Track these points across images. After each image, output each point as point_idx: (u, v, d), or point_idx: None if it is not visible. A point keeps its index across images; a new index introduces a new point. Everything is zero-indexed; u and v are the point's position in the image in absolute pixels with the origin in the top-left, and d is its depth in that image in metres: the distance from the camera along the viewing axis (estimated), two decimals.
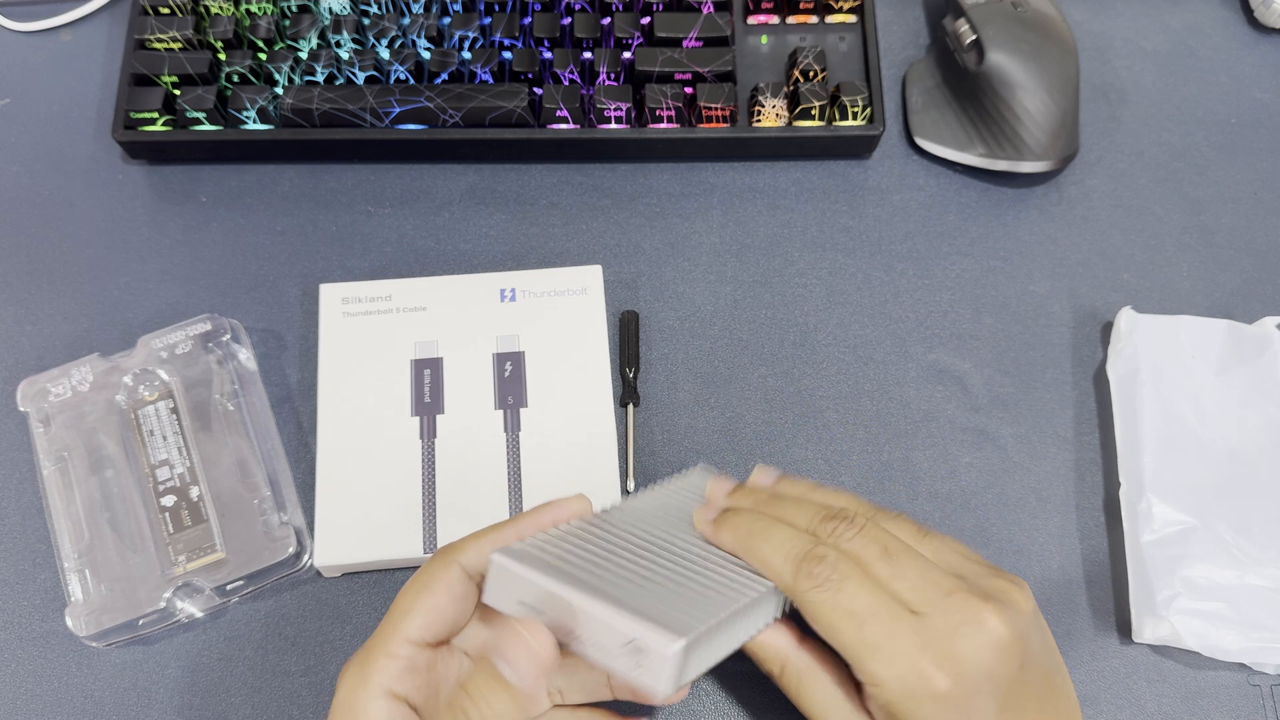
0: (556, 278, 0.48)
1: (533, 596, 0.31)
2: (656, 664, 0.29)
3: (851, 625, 0.32)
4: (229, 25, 0.51)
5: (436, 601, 0.33)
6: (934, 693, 0.31)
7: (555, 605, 0.31)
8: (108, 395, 0.45)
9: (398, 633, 0.33)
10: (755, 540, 0.34)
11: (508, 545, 0.33)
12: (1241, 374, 0.46)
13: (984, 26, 0.50)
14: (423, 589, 0.33)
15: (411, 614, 0.33)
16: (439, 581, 0.33)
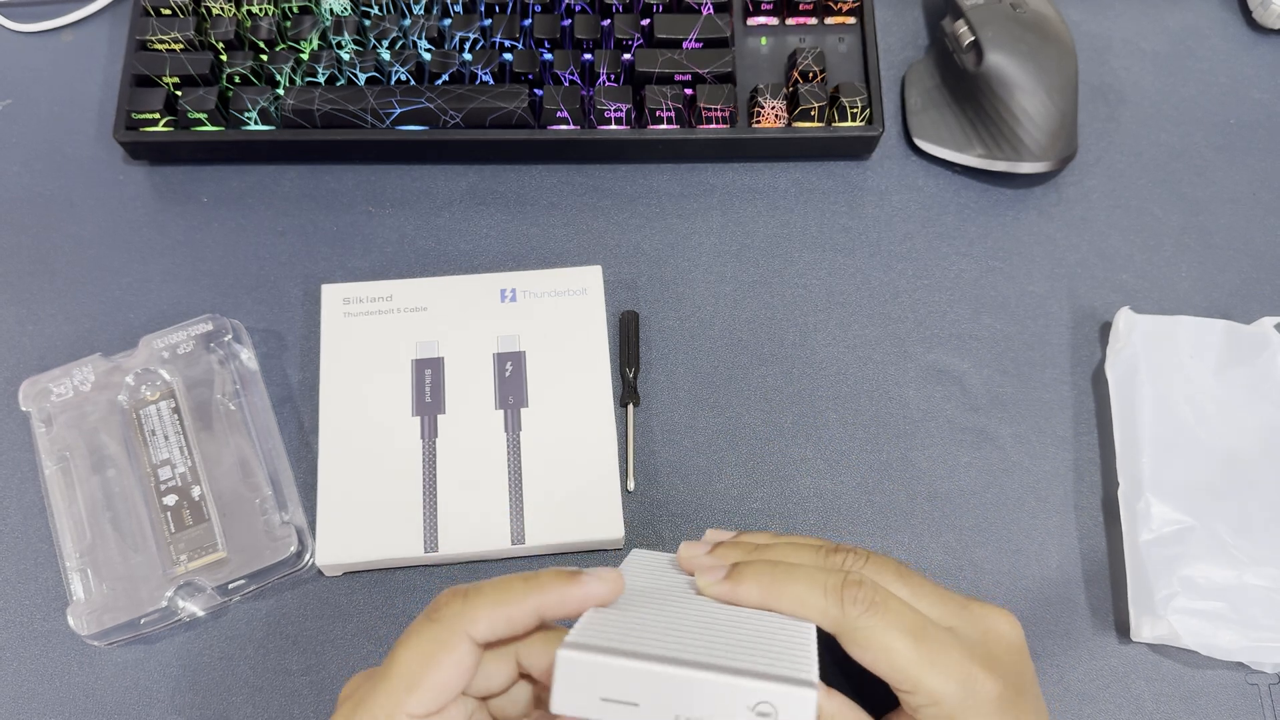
0: (557, 278, 0.48)
1: (622, 688, 0.28)
2: (795, 717, 0.28)
3: (906, 643, 0.32)
4: (230, 26, 0.51)
5: (442, 678, 0.31)
6: (987, 698, 0.32)
7: (652, 691, 0.28)
8: (109, 395, 0.45)
9: (400, 708, 0.30)
10: (782, 584, 0.33)
11: (566, 639, 0.29)
12: (1239, 374, 0.46)
13: (983, 28, 0.50)
14: (427, 662, 0.31)
15: (416, 690, 0.30)
16: (447, 657, 0.31)
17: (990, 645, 0.34)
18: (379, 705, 0.31)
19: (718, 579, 0.34)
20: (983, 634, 0.34)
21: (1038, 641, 0.43)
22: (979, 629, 0.34)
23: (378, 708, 0.31)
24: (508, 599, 0.31)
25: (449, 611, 0.31)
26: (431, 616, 0.31)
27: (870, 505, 0.46)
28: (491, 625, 0.31)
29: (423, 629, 0.31)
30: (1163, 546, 0.43)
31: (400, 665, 0.31)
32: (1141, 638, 0.42)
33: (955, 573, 0.45)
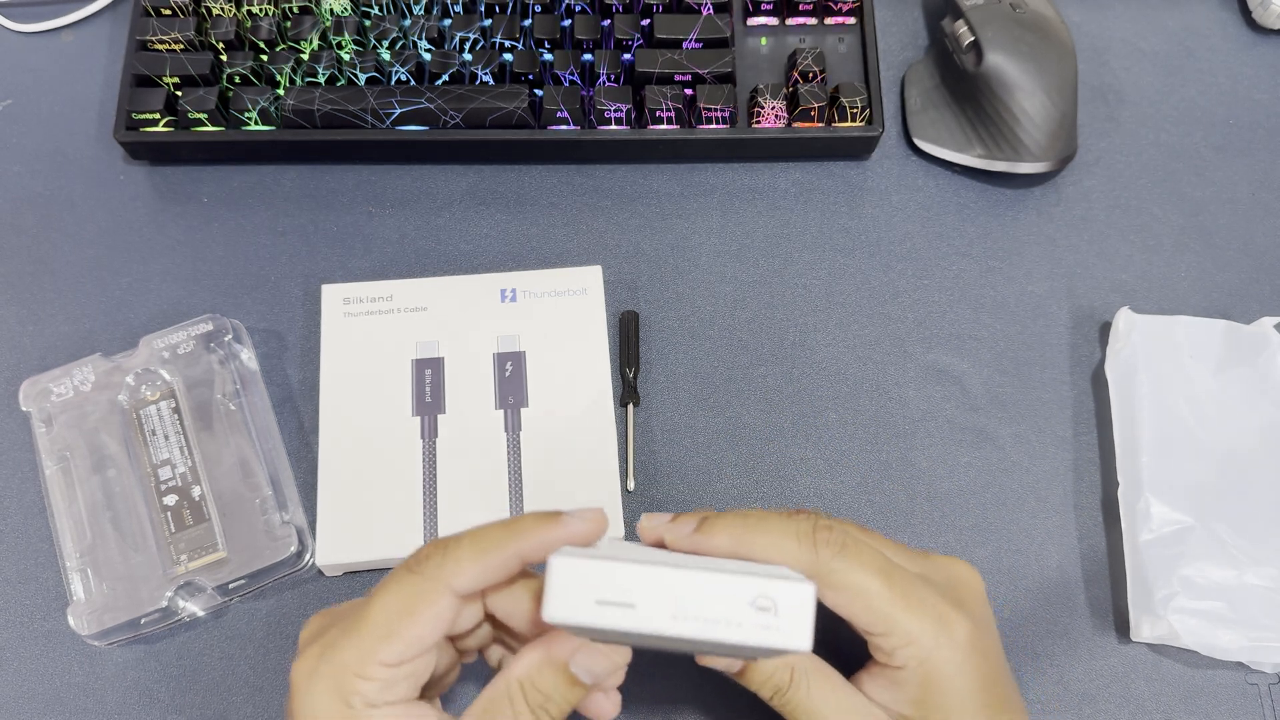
0: (557, 278, 0.48)
1: (617, 589, 0.27)
2: (795, 611, 0.27)
3: (880, 582, 0.32)
4: (230, 26, 0.51)
5: (420, 630, 0.30)
6: (958, 639, 0.33)
7: (649, 590, 0.27)
8: (110, 395, 0.45)
9: (373, 657, 0.30)
10: (753, 532, 0.33)
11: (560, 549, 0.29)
12: (1239, 374, 0.46)
13: (982, 28, 0.50)
14: (406, 613, 0.30)
15: (391, 641, 0.30)
16: (427, 609, 0.30)
17: (957, 589, 0.35)
18: (350, 652, 0.30)
19: (688, 532, 0.33)
20: (948, 579, 0.35)
21: (1038, 641, 0.43)
22: (944, 575, 0.35)
23: (349, 655, 0.30)
24: (489, 547, 0.30)
25: (430, 564, 0.30)
26: (412, 568, 0.31)
27: (870, 505, 0.46)
28: (474, 577, 0.30)
29: (403, 579, 0.31)
30: (1162, 546, 0.43)
31: (377, 614, 0.30)
32: (1141, 638, 0.42)
33: None
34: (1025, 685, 0.43)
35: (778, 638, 0.27)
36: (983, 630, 0.34)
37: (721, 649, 0.29)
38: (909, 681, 0.33)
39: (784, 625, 0.27)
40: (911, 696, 0.33)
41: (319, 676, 0.30)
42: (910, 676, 0.33)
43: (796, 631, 0.27)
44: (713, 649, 0.30)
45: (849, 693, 0.34)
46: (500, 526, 0.31)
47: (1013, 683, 0.36)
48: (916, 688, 0.33)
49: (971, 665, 0.33)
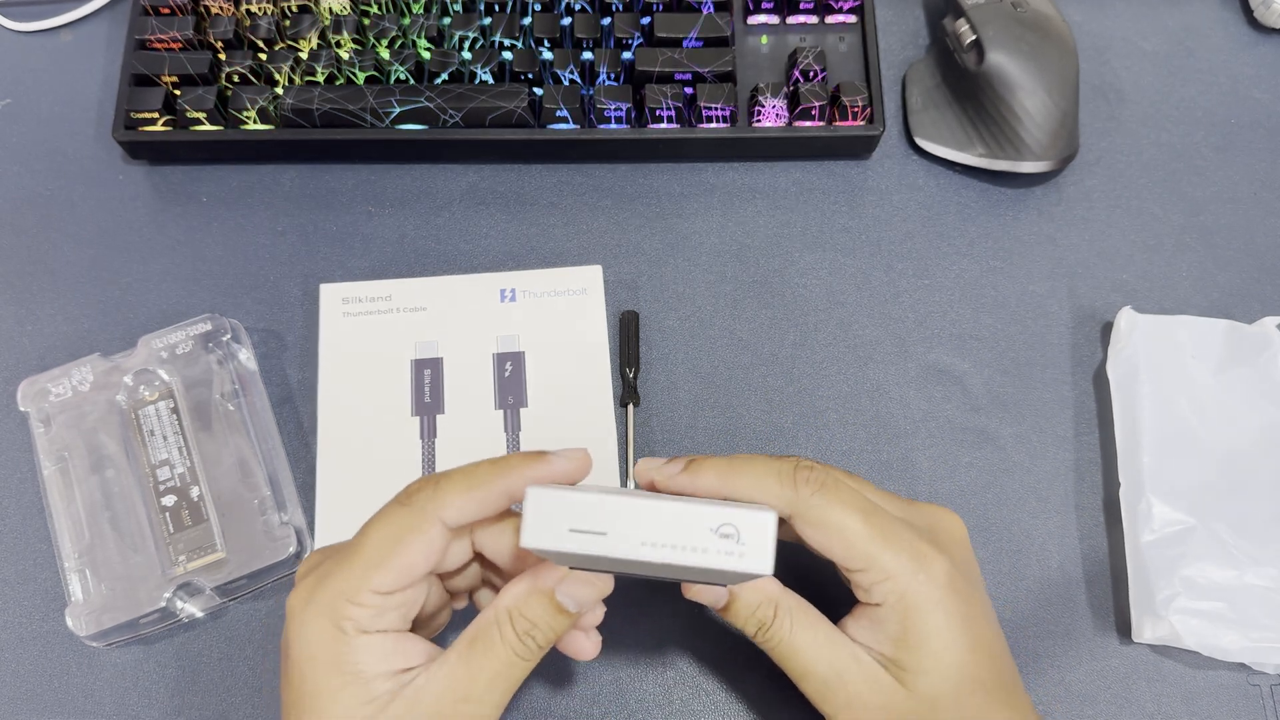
0: (556, 278, 0.48)
1: (590, 518, 0.30)
2: (756, 537, 0.29)
3: (858, 519, 0.33)
4: (229, 25, 0.51)
5: (410, 559, 0.31)
6: (939, 574, 0.33)
7: (619, 519, 0.29)
8: (108, 395, 0.45)
9: (367, 585, 0.31)
10: (738, 471, 0.34)
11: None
12: (1241, 374, 0.46)
13: (984, 27, 0.50)
14: (397, 543, 0.31)
15: (382, 569, 0.31)
16: (417, 540, 0.31)
17: (938, 534, 0.35)
18: (344, 581, 0.31)
19: (676, 472, 0.34)
20: (930, 524, 0.36)
21: (1039, 642, 0.43)
22: (926, 520, 0.36)
23: (342, 583, 0.31)
24: (478, 483, 0.32)
25: (421, 497, 0.32)
26: (403, 501, 0.32)
27: None
28: (462, 510, 0.32)
29: (394, 512, 0.32)
30: (1164, 547, 0.43)
31: (369, 545, 0.32)
32: (1143, 638, 0.42)
33: None
34: (1027, 686, 0.42)
35: (741, 562, 0.29)
36: (962, 572, 0.34)
37: (691, 574, 0.31)
38: (888, 619, 0.33)
39: (747, 551, 0.29)
40: (892, 634, 0.33)
41: (313, 604, 0.31)
42: (889, 614, 0.33)
43: (758, 556, 0.29)
44: (683, 574, 0.32)
45: (831, 631, 0.34)
46: (489, 464, 0.33)
47: (1002, 641, 0.36)
48: (896, 625, 0.33)
49: (951, 603, 0.33)
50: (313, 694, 0.31)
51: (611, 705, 0.42)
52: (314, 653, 0.31)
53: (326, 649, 0.31)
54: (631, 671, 0.42)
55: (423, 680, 0.32)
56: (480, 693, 0.32)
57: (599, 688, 0.42)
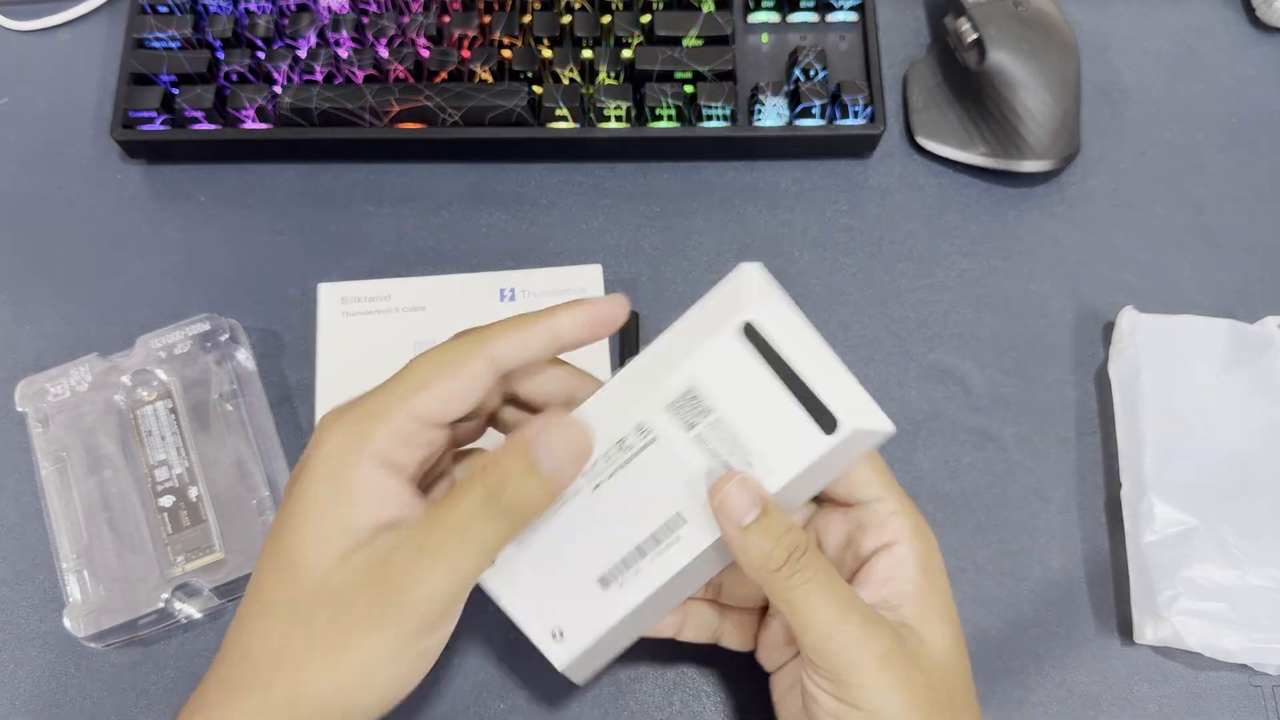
0: (556, 277, 0.48)
1: None
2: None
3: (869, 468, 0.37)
4: (228, 24, 0.51)
5: (456, 387, 0.30)
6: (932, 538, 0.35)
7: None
8: (106, 395, 0.45)
9: (405, 405, 0.30)
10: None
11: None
12: (1243, 374, 0.46)
13: (985, 25, 0.50)
14: (445, 369, 0.31)
15: (426, 391, 0.30)
16: (465, 368, 0.31)
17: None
18: (378, 400, 0.31)
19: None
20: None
21: (1040, 643, 0.43)
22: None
23: (377, 402, 0.31)
24: (524, 325, 0.32)
25: (469, 336, 0.32)
26: (449, 342, 0.32)
27: None
28: (511, 348, 0.31)
29: (441, 347, 0.32)
30: (1166, 548, 0.42)
31: (415, 371, 0.31)
32: (1144, 639, 0.42)
33: (957, 574, 0.44)
34: (1028, 687, 0.42)
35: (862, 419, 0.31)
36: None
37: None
38: (903, 564, 0.33)
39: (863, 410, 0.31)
40: (906, 590, 0.33)
41: (341, 420, 0.31)
42: (903, 557, 0.33)
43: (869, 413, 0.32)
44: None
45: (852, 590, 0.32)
46: (531, 314, 0.32)
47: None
48: (915, 570, 0.33)
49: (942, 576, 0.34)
50: (302, 512, 0.30)
51: (611, 707, 0.42)
52: (325, 464, 0.30)
53: (337, 460, 0.30)
54: (631, 673, 0.42)
55: (390, 533, 0.30)
56: (437, 545, 0.30)
57: (599, 689, 0.42)
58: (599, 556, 0.32)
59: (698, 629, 0.37)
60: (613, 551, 0.32)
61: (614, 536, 0.32)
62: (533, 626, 0.33)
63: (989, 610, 0.44)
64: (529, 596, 0.33)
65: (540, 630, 0.33)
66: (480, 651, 0.42)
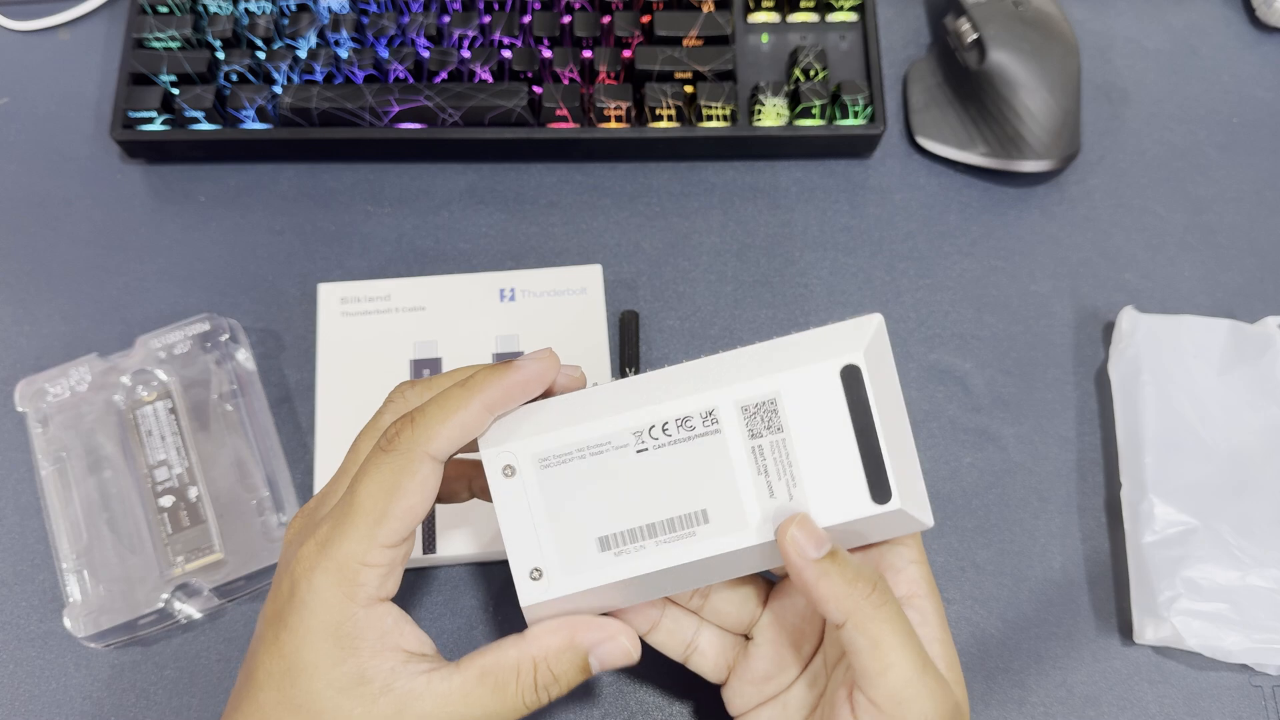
0: (556, 277, 0.48)
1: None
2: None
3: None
4: (228, 24, 0.51)
5: (410, 503, 0.30)
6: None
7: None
8: (106, 395, 0.45)
9: (374, 541, 0.30)
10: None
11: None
12: (1244, 374, 0.46)
13: (985, 25, 0.50)
14: (393, 491, 0.30)
15: (386, 521, 0.30)
16: (411, 482, 0.30)
17: None
18: (350, 543, 0.30)
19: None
20: None
21: (1040, 644, 0.43)
22: None
23: (349, 545, 0.30)
24: (455, 407, 0.31)
25: (403, 439, 0.31)
26: (386, 448, 0.31)
27: None
28: (449, 440, 0.31)
29: (380, 461, 0.31)
30: (1166, 548, 0.42)
31: (364, 500, 0.30)
32: (1145, 640, 0.42)
33: (957, 574, 0.44)
34: (1028, 688, 0.42)
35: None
36: None
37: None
38: (928, 620, 0.33)
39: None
40: (935, 649, 0.33)
41: (320, 571, 0.30)
42: (927, 612, 0.33)
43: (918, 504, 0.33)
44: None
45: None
46: (458, 387, 0.32)
47: None
48: (939, 629, 0.34)
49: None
50: (309, 666, 0.30)
51: (612, 707, 0.42)
52: (319, 621, 0.30)
53: (332, 617, 0.30)
54: (632, 673, 0.42)
55: (420, 686, 0.30)
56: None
57: (599, 689, 0.42)
58: (610, 517, 0.32)
59: (670, 635, 0.36)
60: (626, 518, 0.32)
61: (634, 505, 0.32)
62: (518, 557, 0.32)
63: (989, 610, 0.44)
64: (527, 525, 0.32)
65: (523, 562, 0.32)
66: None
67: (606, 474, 0.32)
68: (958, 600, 0.44)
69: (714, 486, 0.32)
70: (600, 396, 0.33)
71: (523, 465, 0.32)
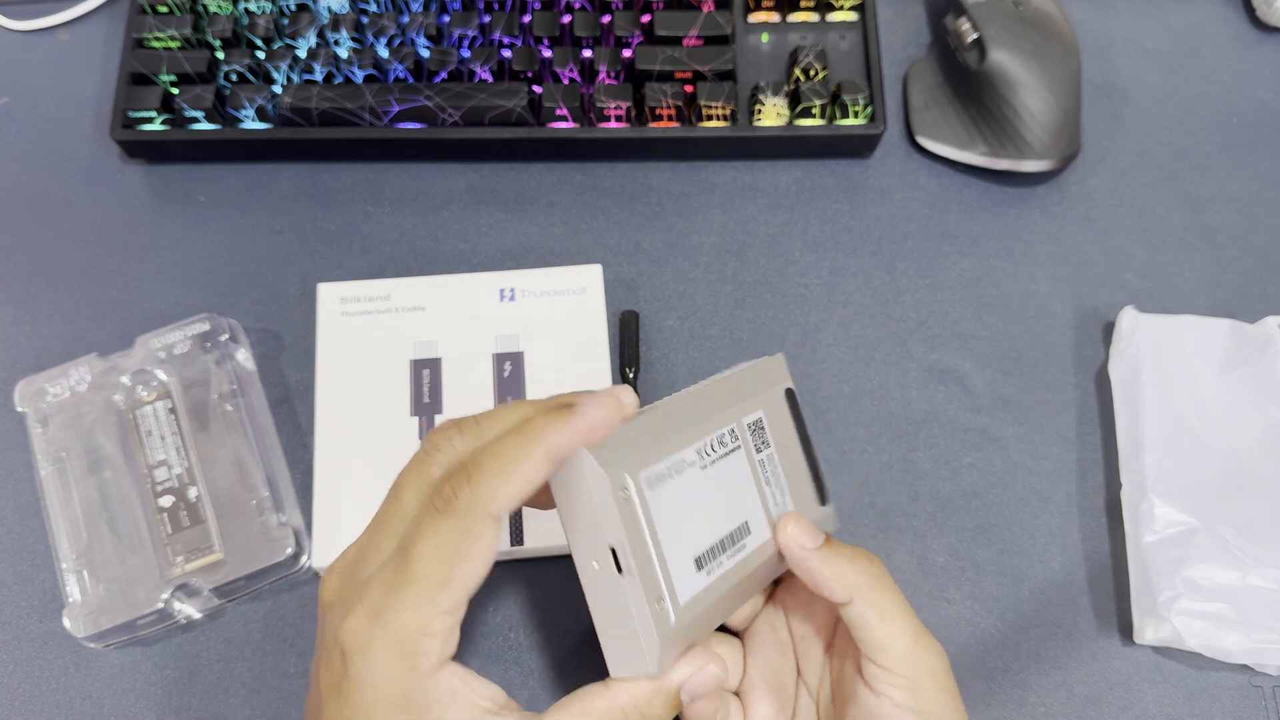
0: (556, 277, 0.48)
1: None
2: None
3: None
4: (227, 24, 0.51)
5: (472, 567, 0.28)
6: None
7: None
8: (105, 395, 0.45)
9: (435, 608, 0.28)
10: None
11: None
12: (1244, 374, 0.46)
13: (985, 25, 0.50)
14: (453, 557, 0.28)
15: (448, 587, 0.28)
16: (473, 545, 0.28)
17: None
18: (408, 614, 0.28)
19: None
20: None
21: (1041, 643, 0.43)
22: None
23: (407, 614, 0.28)
24: (516, 460, 0.29)
25: (462, 501, 0.29)
26: (444, 509, 0.29)
27: (872, 506, 0.45)
28: (511, 498, 0.29)
29: (438, 524, 0.29)
30: (1166, 548, 0.42)
31: (424, 566, 0.28)
32: (1145, 640, 0.42)
33: (957, 574, 0.44)
34: (1028, 688, 0.42)
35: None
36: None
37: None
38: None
39: None
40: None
41: (377, 645, 0.28)
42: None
43: None
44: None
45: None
46: (516, 436, 0.29)
47: None
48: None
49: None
50: None
51: None
52: (384, 695, 0.28)
53: (399, 690, 0.28)
54: None
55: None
56: None
57: None
58: (698, 535, 0.32)
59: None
60: (709, 535, 0.32)
61: (709, 521, 0.32)
62: (645, 586, 0.30)
63: (989, 610, 0.44)
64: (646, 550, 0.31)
65: (649, 591, 0.30)
66: (500, 645, 0.42)
67: (688, 491, 0.32)
68: (958, 600, 0.44)
69: (745, 499, 0.34)
70: (669, 413, 0.32)
71: (636, 487, 0.30)
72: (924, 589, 0.44)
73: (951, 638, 0.43)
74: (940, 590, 0.44)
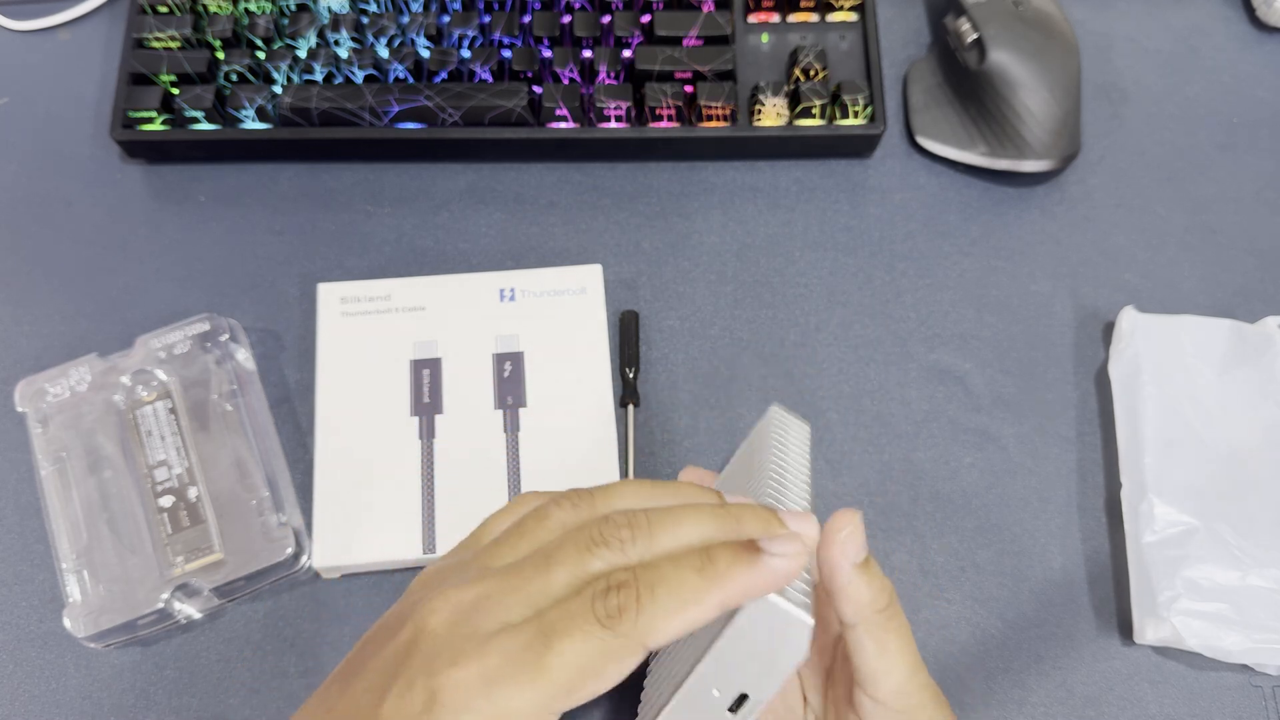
0: (556, 277, 0.48)
1: None
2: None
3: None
4: (227, 24, 0.51)
5: (604, 686, 0.28)
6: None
7: None
8: (106, 395, 0.45)
9: (550, 708, 0.27)
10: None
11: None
12: (1244, 374, 0.46)
13: (985, 25, 0.50)
14: (596, 675, 0.28)
15: (571, 695, 0.27)
16: (615, 668, 0.28)
17: None
18: (523, 703, 0.27)
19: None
20: None
21: (1041, 643, 0.43)
22: None
23: (521, 704, 0.27)
24: (689, 601, 0.28)
25: (626, 624, 0.27)
26: (605, 623, 0.28)
27: (872, 506, 0.45)
28: (669, 636, 0.28)
29: (591, 635, 0.28)
30: (1166, 548, 0.42)
31: (561, 668, 0.27)
32: (1145, 640, 0.42)
33: (958, 574, 0.44)
34: (1028, 688, 0.42)
35: None
36: None
37: None
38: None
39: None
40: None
41: (478, 712, 0.27)
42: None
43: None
44: None
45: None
46: (695, 574, 0.28)
47: None
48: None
49: None
50: None
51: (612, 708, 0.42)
52: None
53: None
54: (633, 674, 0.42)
55: None
56: None
57: None
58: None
59: None
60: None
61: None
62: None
63: (989, 610, 0.44)
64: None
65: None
66: None
67: None
68: (958, 600, 0.44)
69: None
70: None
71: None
72: (924, 589, 0.44)
73: (951, 638, 0.43)
74: (940, 590, 0.44)
